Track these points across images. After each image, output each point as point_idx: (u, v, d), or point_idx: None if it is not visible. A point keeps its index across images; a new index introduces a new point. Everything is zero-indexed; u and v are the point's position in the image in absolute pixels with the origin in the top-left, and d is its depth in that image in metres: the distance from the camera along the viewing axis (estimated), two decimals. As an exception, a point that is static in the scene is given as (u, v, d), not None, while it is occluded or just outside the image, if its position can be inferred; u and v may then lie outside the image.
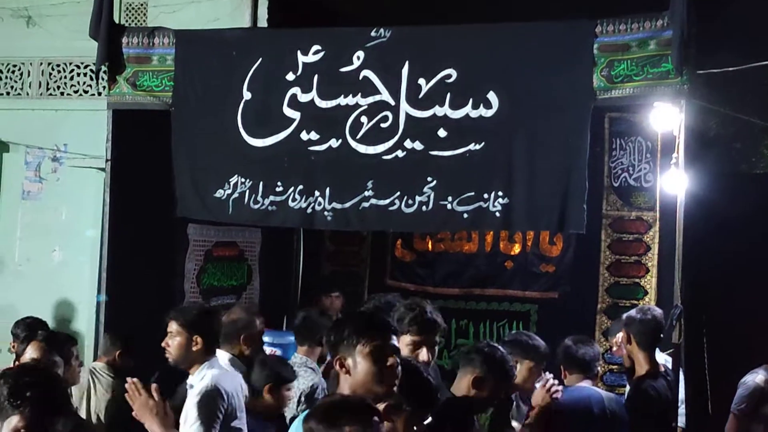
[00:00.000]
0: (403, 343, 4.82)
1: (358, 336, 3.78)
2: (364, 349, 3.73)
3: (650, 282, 7.84)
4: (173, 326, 5.33)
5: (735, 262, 7.44)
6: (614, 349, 6.90)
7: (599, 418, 5.44)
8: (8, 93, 10.92)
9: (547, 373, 5.47)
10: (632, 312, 6.14)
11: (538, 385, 5.36)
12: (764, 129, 8.77)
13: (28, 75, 10.86)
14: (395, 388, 3.71)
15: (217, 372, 5.26)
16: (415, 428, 3.85)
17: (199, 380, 5.20)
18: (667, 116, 6.15)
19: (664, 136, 6.85)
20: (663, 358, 6.25)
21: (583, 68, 6.09)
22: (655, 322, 5.95)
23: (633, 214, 8.02)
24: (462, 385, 4.81)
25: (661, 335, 6.02)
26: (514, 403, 5.54)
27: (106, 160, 7.40)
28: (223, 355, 5.81)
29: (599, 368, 6.42)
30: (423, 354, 4.92)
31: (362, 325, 3.89)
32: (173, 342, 5.31)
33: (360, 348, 3.75)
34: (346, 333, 3.81)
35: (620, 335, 6.33)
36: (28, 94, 10.86)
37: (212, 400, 5.08)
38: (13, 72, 10.91)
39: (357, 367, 3.74)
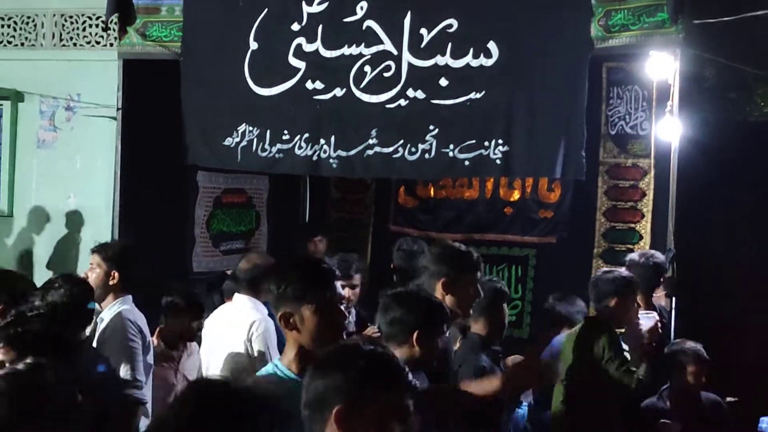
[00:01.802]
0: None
1: (303, 290, 3.41)
2: (311, 306, 3.37)
3: (645, 227, 7.84)
4: (95, 258, 5.42)
5: (728, 207, 7.43)
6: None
7: None
8: (22, 44, 10.88)
9: None
10: (635, 255, 6.16)
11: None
12: (758, 79, 8.71)
13: (42, 26, 10.81)
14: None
15: (128, 307, 5.38)
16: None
17: (109, 314, 5.33)
18: (662, 65, 6.15)
19: (660, 84, 6.81)
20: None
21: (581, 18, 6.06)
22: (656, 267, 5.96)
23: (629, 162, 8.00)
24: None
25: (661, 280, 6.04)
26: None
27: (118, 109, 7.43)
28: (243, 299, 5.84)
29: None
30: None
31: (305, 276, 3.48)
32: (92, 274, 5.39)
33: (306, 305, 3.39)
34: (289, 288, 3.42)
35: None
36: (41, 45, 10.82)
37: (126, 330, 5.22)
38: (27, 23, 10.87)
39: (305, 322, 3.38)
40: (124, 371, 5.13)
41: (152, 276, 6.62)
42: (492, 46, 6.27)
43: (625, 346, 5.56)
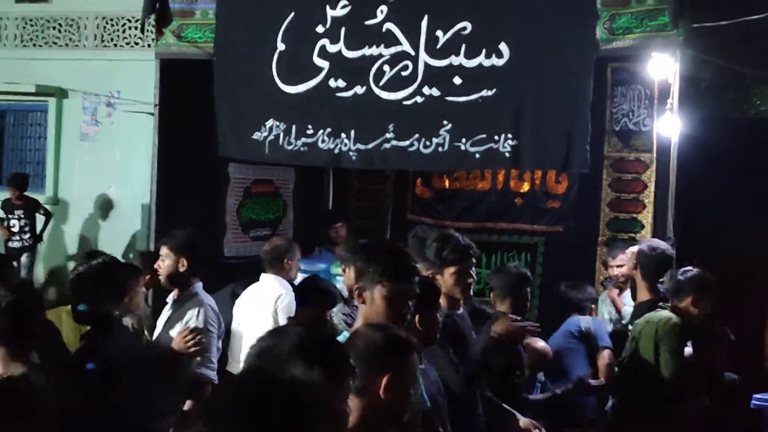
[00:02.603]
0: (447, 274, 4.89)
1: (381, 275, 3.54)
2: (383, 290, 3.50)
3: (647, 217, 7.81)
4: (164, 249, 5.36)
5: (724, 199, 7.41)
6: (612, 269, 7.00)
7: (579, 334, 6.08)
8: (66, 45, 10.98)
9: None
10: (644, 246, 6.09)
11: None
12: (754, 79, 8.66)
13: (85, 28, 10.90)
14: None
15: (202, 294, 5.32)
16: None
17: (188, 299, 5.27)
18: (663, 66, 6.13)
19: (661, 84, 6.78)
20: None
21: (587, 21, 6.06)
22: (662, 257, 5.89)
23: (632, 156, 7.96)
24: None
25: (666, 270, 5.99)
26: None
27: (155, 105, 7.45)
28: (269, 277, 5.90)
29: (592, 305, 6.51)
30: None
31: (388, 265, 3.59)
32: (163, 264, 5.34)
33: (380, 288, 3.52)
34: (371, 267, 3.56)
35: (622, 256, 6.56)
36: (84, 45, 10.91)
37: (207, 316, 5.18)
38: (71, 26, 10.95)
39: (374, 303, 3.52)
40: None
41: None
42: (503, 47, 6.27)
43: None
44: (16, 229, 10.54)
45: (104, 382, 4.07)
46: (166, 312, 5.39)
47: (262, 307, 5.85)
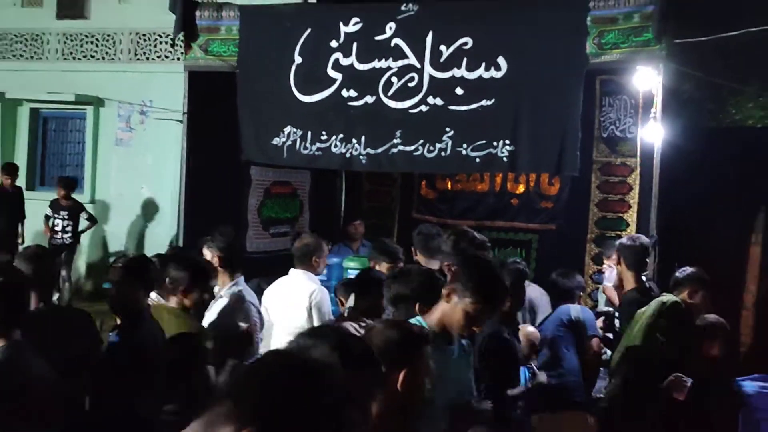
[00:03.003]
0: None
1: (473, 292, 3.46)
2: (469, 304, 3.43)
3: (632, 216, 7.81)
4: (204, 250, 5.36)
5: (702, 200, 7.39)
6: (605, 267, 6.99)
7: (569, 323, 5.90)
8: (103, 58, 11.02)
9: None
10: (624, 239, 6.12)
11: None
12: (730, 91, 8.66)
13: (120, 43, 10.94)
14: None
15: (243, 288, 5.30)
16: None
17: (228, 293, 5.24)
18: (647, 78, 6.16)
19: (645, 94, 6.81)
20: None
21: (578, 37, 6.07)
22: (642, 248, 5.90)
23: (618, 160, 7.97)
24: None
25: (647, 259, 6.01)
26: None
27: (183, 114, 7.48)
28: (298, 272, 5.86)
29: (581, 292, 6.47)
30: None
31: (481, 285, 3.52)
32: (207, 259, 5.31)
33: (468, 300, 3.45)
34: (468, 281, 3.49)
35: (614, 257, 6.44)
36: (119, 58, 10.95)
37: (250, 310, 5.17)
38: (107, 41, 11.00)
39: (455, 309, 3.47)
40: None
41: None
42: (501, 60, 6.28)
43: None
44: (59, 228, 10.50)
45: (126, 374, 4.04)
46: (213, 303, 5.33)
47: (295, 301, 5.71)
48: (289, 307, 5.70)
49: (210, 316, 5.28)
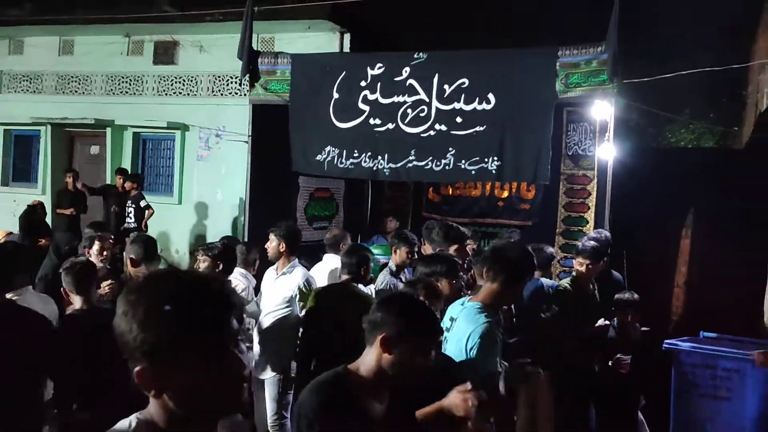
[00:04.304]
0: (451, 250, 5.01)
1: (506, 273, 3.02)
2: (500, 282, 2.99)
3: (590, 215, 7.76)
4: (271, 236, 5.32)
5: (644, 203, 7.38)
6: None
7: (542, 293, 5.40)
8: (188, 94, 11.05)
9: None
10: (592, 233, 5.99)
11: None
12: (667, 119, 8.61)
13: (201, 83, 10.95)
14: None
15: (299, 267, 5.23)
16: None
17: (291, 271, 5.18)
18: (603, 109, 6.10)
19: (601, 122, 6.73)
20: None
21: (549, 78, 6.02)
22: (606, 240, 5.78)
23: (580, 172, 7.93)
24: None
25: (608, 250, 5.85)
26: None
27: (248, 136, 7.48)
28: (330, 256, 5.86)
29: (551, 262, 6.13)
30: None
31: (509, 267, 3.07)
32: (271, 245, 5.30)
33: (501, 280, 3.03)
34: (502, 264, 3.04)
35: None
36: (200, 94, 10.97)
37: (312, 283, 5.14)
38: (191, 81, 11.03)
39: (491, 287, 3.06)
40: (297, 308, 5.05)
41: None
42: (490, 96, 6.26)
43: None
44: (131, 214, 10.02)
45: None
46: (271, 279, 5.28)
47: (330, 278, 5.72)
48: (327, 280, 5.73)
49: (265, 288, 5.30)
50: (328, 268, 5.81)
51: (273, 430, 5.05)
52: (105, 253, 5.06)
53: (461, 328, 3.10)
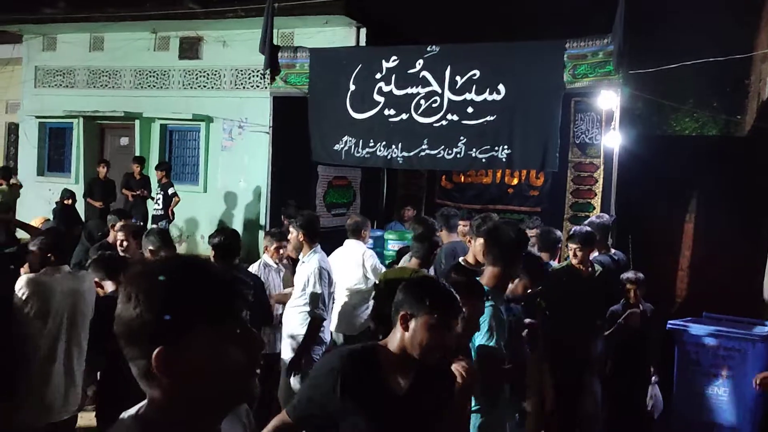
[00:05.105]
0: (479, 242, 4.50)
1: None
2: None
3: (597, 201, 7.72)
4: (290, 228, 5.29)
5: (649, 189, 7.33)
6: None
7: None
8: (212, 87, 11.09)
9: None
10: (593, 218, 6.01)
11: None
12: (670, 108, 8.53)
13: (224, 76, 10.98)
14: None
15: (320, 255, 5.10)
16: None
17: (309, 258, 5.08)
18: (609, 99, 6.07)
19: (607, 111, 6.71)
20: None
21: (557, 69, 5.99)
22: (606, 223, 5.77)
23: (587, 160, 7.89)
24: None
25: (608, 234, 5.86)
26: None
27: (270, 127, 7.51)
28: (351, 242, 5.79)
29: (559, 245, 5.90)
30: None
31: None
32: (291, 236, 5.28)
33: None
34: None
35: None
36: (224, 87, 11.00)
37: (321, 274, 5.00)
38: (215, 75, 11.06)
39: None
40: (312, 298, 4.95)
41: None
42: (501, 87, 6.23)
43: None
44: (159, 201, 10.00)
45: None
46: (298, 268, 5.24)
47: (352, 262, 5.67)
48: (347, 267, 5.71)
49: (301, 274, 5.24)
50: (349, 254, 5.79)
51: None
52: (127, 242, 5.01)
53: None
